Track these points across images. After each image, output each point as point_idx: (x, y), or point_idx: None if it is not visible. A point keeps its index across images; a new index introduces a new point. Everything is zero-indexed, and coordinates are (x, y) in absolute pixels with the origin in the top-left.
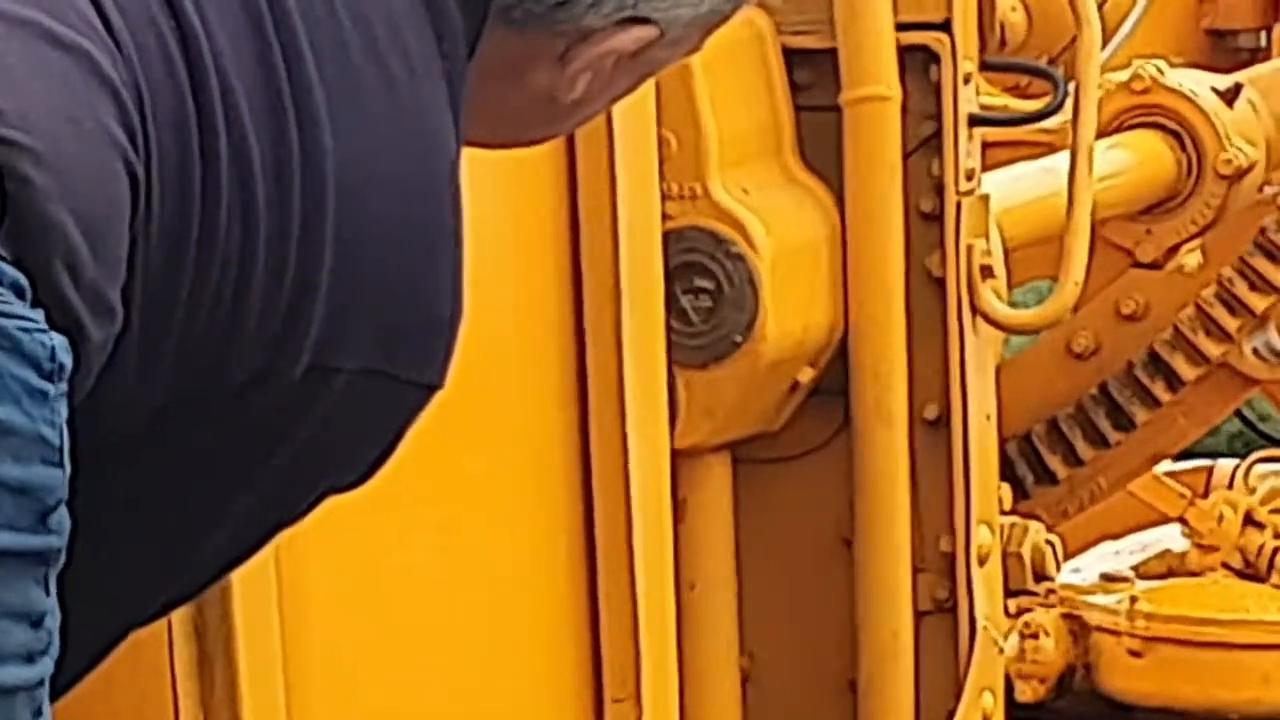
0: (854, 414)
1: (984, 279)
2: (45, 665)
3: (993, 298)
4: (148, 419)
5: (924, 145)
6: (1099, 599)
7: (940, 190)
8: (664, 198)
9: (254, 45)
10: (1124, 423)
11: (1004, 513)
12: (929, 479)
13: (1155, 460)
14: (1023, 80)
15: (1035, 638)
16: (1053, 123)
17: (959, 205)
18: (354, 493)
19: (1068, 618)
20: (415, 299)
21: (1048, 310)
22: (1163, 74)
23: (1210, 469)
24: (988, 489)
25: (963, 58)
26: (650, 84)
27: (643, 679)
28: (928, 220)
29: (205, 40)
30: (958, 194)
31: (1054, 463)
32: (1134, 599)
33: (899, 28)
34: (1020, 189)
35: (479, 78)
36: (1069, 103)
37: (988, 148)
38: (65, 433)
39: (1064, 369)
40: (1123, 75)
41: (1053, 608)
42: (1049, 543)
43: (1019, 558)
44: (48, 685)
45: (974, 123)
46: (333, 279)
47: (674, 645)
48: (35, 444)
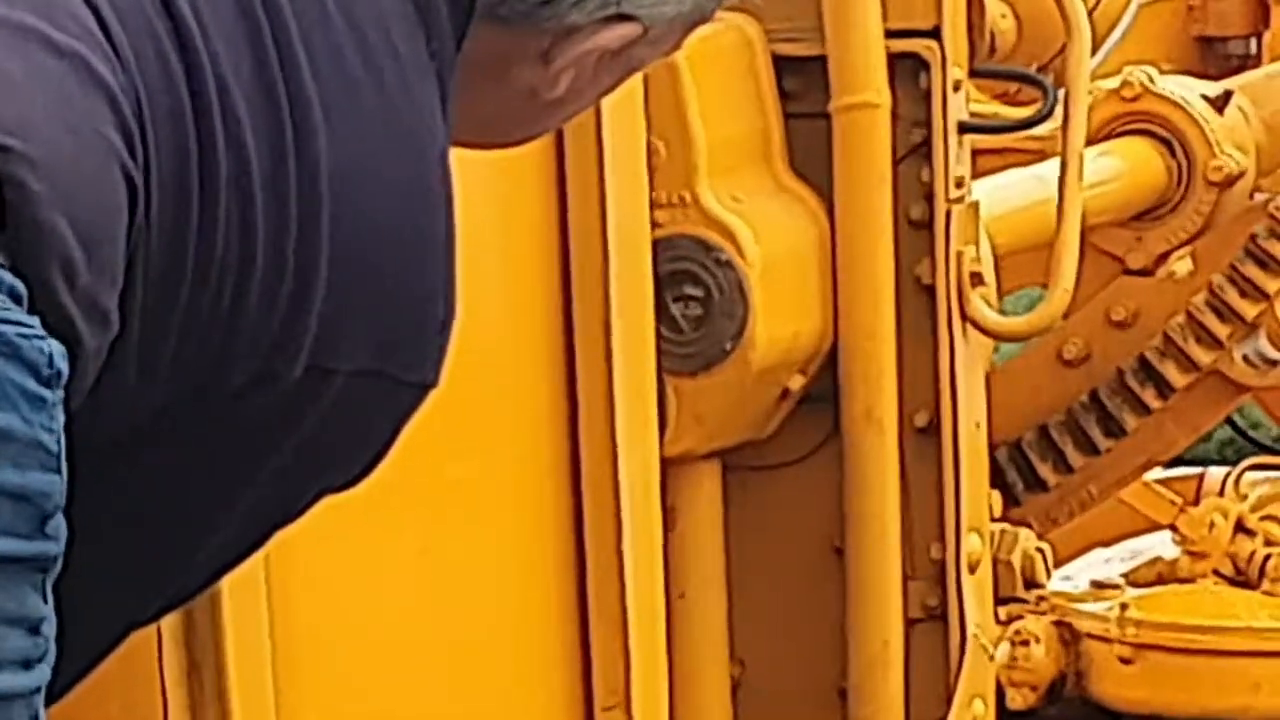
0: (844, 421)
1: (974, 286)
2: (42, 672)
3: (982, 305)
4: (147, 422)
5: (914, 153)
6: (1090, 606)
7: (930, 198)
8: (653, 205)
9: (251, 51)
10: (1114, 430)
11: (994, 520)
12: (919, 486)
13: (1146, 467)
14: (1012, 87)
15: (1026, 645)
16: (1043, 130)
17: (949, 213)
18: (344, 499)
19: (1058, 625)
20: (411, 299)
21: (1038, 317)
22: (1153, 81)
23: (1201, 476)
24: (978, 496)
25: (952, 65)
26: (639, 91)
27: (632, 686)
28: (917, 228)
29: (203, 46)
30: (947, 201)
31: (1044, 470)
32: (1125, 606)
33: (888, 35)
34: (1010, 196)
35: (463, 75)
36: (1059, 110)
37: (978, 155)
38: (63, 439)
39: (1054, 376)
40: (1113, 82)
41: (1043, 615)
42: (1039, 550)
43: (1009, 565)
44: (44, 693)
45: (964, 130)
46: (330, 281)
47: (664, 653)
48: (33, 450)
